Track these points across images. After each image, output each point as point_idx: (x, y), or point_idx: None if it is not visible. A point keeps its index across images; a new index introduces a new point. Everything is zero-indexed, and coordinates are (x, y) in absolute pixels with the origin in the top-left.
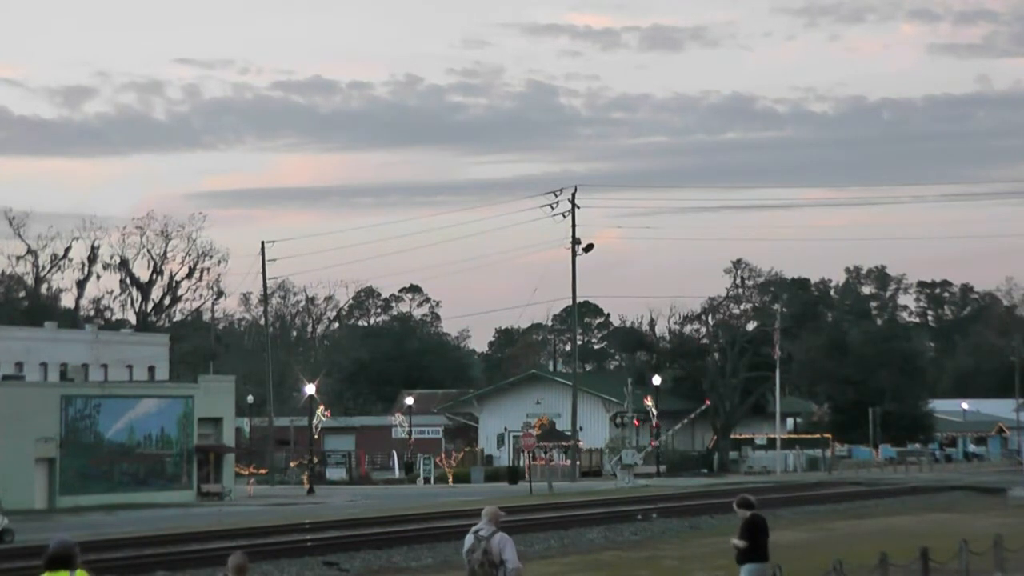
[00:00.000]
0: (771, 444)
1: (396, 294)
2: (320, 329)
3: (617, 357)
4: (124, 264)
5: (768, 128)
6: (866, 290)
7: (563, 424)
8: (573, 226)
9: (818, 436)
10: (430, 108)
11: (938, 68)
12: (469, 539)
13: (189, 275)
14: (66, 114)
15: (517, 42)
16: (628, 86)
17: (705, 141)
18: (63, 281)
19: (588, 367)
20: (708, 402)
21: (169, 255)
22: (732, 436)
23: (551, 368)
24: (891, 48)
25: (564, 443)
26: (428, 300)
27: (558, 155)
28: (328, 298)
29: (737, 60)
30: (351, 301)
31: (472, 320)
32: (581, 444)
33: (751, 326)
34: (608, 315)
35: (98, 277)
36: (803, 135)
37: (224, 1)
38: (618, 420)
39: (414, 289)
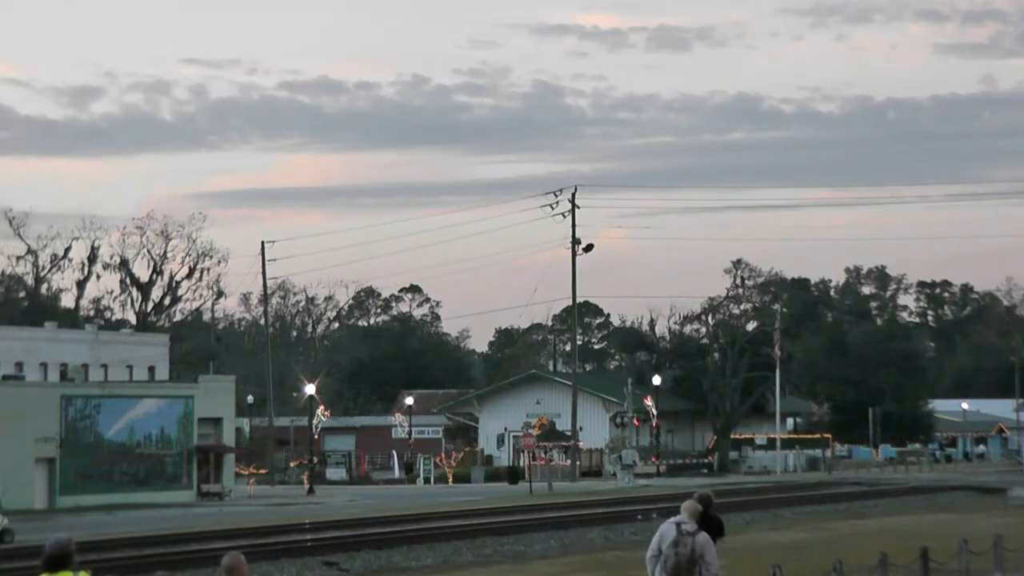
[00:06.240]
0: (771, 444)
1: (396, 294)
2: (320, 329)
3: (617, 357)
4: (124, 264)
5: (774, 128)
6: (866, 290)
7: (563, 424)
8: (573, 226)
9: (818, 436)
10: (436, 108)
11: (944, 68)
12: (671, 530)
13: (189, 275)
14: (72, 114)
15: (524, 42)
16: (634, 86)
17: (711, 141)
18: (63, 281)
19: (588, 367)
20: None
21: (169, 255)
22: (732, 436)
23: (551, 368)
24: (898, 48)
25: (564, 443)
26: (428, 300)
27: (564, 155)
28: (328, 298)
29: (744, 60)
30: (351, 301)
31: (472, 320)
32: (581, 444)
33: (751, 326)
34: (608, 315)
35: (98, 277)
36: (809, 135)
37: (231, 1)
38: (618, 420)
39: (414, 289)
